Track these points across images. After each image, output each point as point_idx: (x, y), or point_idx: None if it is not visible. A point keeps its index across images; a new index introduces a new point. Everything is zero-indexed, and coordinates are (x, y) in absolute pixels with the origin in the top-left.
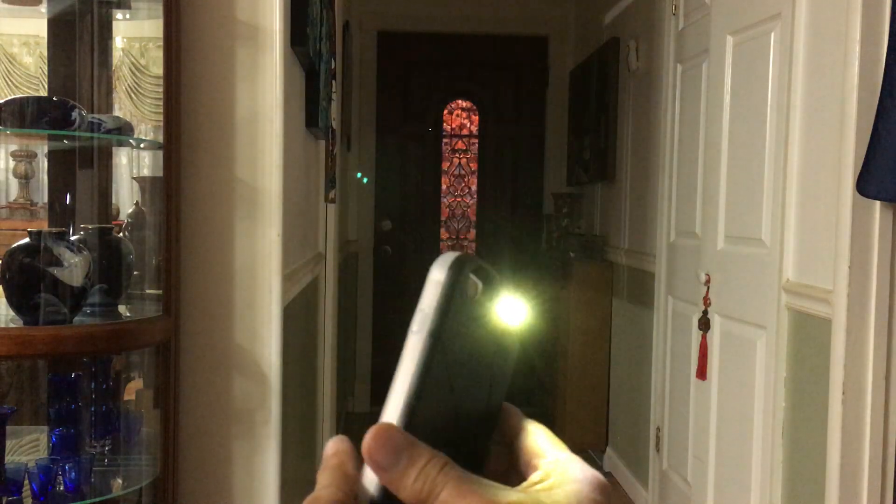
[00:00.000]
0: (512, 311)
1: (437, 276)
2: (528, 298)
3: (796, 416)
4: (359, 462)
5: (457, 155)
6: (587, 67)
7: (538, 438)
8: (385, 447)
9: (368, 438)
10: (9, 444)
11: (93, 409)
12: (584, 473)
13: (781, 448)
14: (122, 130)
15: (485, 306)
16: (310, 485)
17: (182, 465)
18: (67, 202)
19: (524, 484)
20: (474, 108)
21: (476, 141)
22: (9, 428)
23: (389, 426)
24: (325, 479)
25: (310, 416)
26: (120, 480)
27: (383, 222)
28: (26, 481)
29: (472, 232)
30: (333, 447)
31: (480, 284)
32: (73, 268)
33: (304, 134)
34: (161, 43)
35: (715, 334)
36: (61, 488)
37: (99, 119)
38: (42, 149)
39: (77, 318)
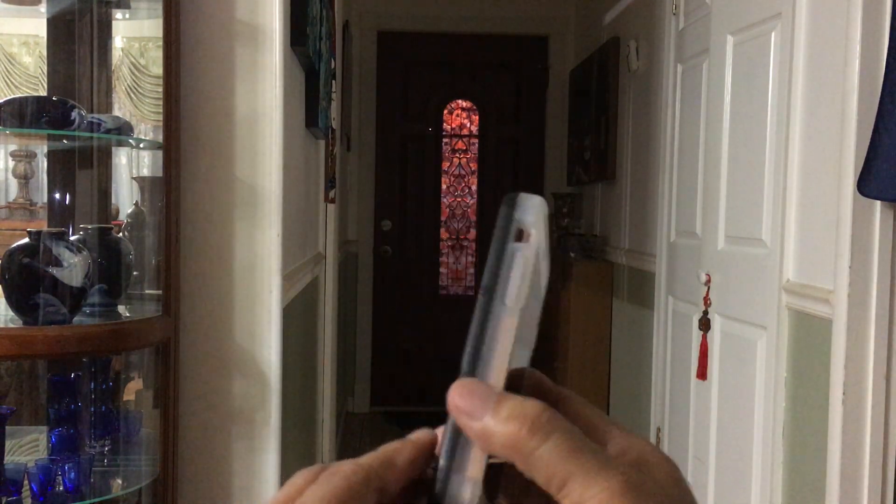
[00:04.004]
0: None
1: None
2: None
3: (796, 416)
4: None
5: (457, 155)
6: (587, 67)
7: (583, 407)
8: (471, 392)
9: (452, 390)
10: (9, 444)
11: (92, 409)
12: (662, 455)
13: (782, 448)
14: (122, 130)
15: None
16: None
17: (182, 465)
18: (67, 202)
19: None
20: (474, 108)
21: (476, 141)
22: (9, 428)
23: (470, 380)
24: (368, 458)
25: (310, 416)
26: (120, 480)
27: (383, 222)
28: (26, 481)
29: (473, 232)
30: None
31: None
32: (73, 268)
33: (304, 134)
34: (161, 43)
35: (715, 334)
36: (61, 488)
37: (98, 119)
38: (41, 149)
39: (77, 319)
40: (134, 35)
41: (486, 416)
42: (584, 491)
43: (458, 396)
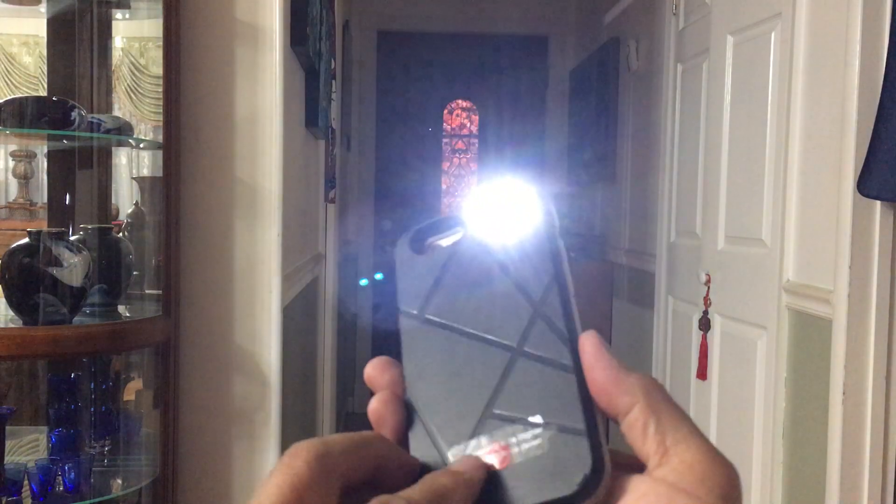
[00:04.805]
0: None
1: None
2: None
3: (796, 416)
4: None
5: (457, 155)
6: (587, 67)
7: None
8: (602, 342)
9: (583, 338)
10: (9, 444)
11: (92, 409)
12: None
13: (782, 448)
14: (122, 130)
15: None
16: None
17: (182, 465)
18: (67, 202)
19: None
20: (474, 108)
21: (476, 141)
22: (9, 428)
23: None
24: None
25: (310, 416)
26: (120, 480)
27: (383, 222)
28: (26, 481)
29: None
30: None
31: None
32: (73, 268)
33: (304, 134)
34: (161, 43)
35: (715, 334)
36: (61, 488)
37: (98, 119)
38: (41, 149)
39: (77, 319)
40: (134, 35)
41: (619, 361)
42: (703, 455)
43: (595, 338)
